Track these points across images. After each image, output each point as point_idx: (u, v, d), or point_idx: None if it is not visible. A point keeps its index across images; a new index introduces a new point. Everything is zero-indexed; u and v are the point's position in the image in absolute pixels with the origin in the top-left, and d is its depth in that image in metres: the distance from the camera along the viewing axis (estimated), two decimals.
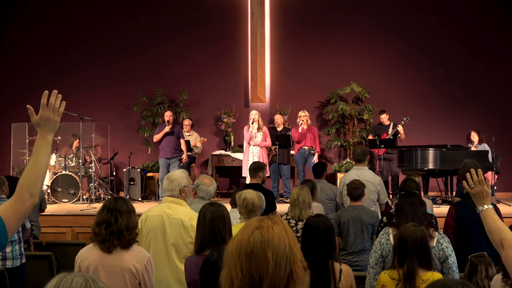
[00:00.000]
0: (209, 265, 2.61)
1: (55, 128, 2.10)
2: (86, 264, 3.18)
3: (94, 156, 9.78)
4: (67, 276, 1.41)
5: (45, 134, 2.08)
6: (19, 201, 1.96)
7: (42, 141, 2.07)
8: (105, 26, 11.31)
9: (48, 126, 2.08)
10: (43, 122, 2.07)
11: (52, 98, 2.09)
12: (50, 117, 2.08)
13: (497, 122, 10.54)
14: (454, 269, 3.58)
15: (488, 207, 2.44)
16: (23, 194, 1.97)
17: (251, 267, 1.53)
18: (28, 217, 5.31)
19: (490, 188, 2.51)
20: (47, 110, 2.08)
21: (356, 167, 6.01)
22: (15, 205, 1.96)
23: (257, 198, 3.97)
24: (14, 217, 1.94)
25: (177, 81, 11.18)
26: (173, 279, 3.62)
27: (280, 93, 11.10)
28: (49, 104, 2.08)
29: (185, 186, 3.79)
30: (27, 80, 11.13)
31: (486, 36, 10.95)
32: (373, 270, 3.67)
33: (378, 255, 3.69)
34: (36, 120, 2.07)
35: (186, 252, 3.61)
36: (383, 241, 3.73)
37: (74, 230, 7.33)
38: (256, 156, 8.91)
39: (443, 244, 3.59)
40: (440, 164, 8.46)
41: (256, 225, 1.59)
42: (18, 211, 1.95)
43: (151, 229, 3.68)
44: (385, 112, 9.81)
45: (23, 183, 1.99)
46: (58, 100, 2.10)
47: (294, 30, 11.19)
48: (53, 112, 2.09)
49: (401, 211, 3.81)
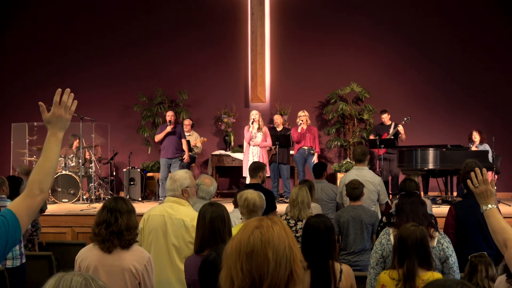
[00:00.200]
0: (207, 264, 2.61)
1: (66, 126, 2.13)
2: (86, 264, 3.18)
3: (94, 156, 9.78)
4: (65, 276, 1.41)
5: (56, 131, 2.10)
6: (30, 197, 1.99)
7: (53, 137, 2.09)
8: (105, 26, 11.31)
9: (59, 124, 2.10)
10: (54, 119, 2.09)
11: (64, 96, 2.11)
12: (62, 115, 2.10)
13: (497, 122, 10.54)
14: (454, 269, 3.57)
15: (492, 206, 2.43)
16: (34, 190, 1.99)
17: (252, 267, 1.53)
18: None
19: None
20: (59, 108, 2.10)
21: (356, 167, 6.01)
22: (26, 200, 1.99)
23: (258, 198, 3.97)
24: (26, 213, 1.97)
25: (177, 81, 11.18)
26: (174, 279, 3.62)
27: (280, 93, 11.10)
28: (61, 102, 2.10)
29: (187, 187, 3.80)
30: (27, 80, 11.13)
31: (486, 36, 10.95)
32: (374, 270, 3.66)
33: (379, 256, 3.68)
34: (47, 117, 2.10)
35: (187, 252, 3.61)
36: (383, 241, 3.72)
37: (74, 230, 7.33)
38: (256, 156, 8.92)
39: (444, 244, 3.59)
40: (440, 164, 8.46)
41: (256, 224, 1.60)
42: (30, 207, 1.98)
43: (153, 229, 3.68)
44: (386, 112, 9.82)
45: (34, 179, 2.02)
46: (70, 99, 2.13)
47: (294, 30, 11.19)
48: (65, 110, 2.11)
49: (401, 211, 3.80)
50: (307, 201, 4.77)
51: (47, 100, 2.10)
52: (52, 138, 2.09)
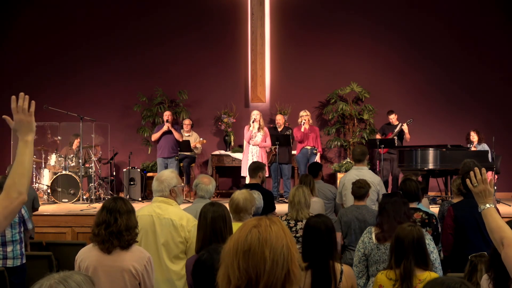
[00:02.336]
0: (200, 263, 2.62)
1: (32, 128, 2.18)
2: (86, 264, 3.18)
3: (94, 156, 9.78)
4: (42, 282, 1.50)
5: (23, 136, 2.17)
6: (7, 199, 2.06)
7: (22, 142, 2.16)
8: (105, 26, 11.31)
9: (23, 128, 2.17)
10: (18, 126, 2.16)
11: (20, 101, 2.16)
12: (22, 119, 2.16)
13: (497, 122, 10.53)
14: (436, 265, 3.68)
15: (489, 206, 2.45)
16: (10, 193, 2.06)
17: (248, 265, 1.54)
18: (29, 217, 5.33)
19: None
20: (18, 114, 2.16)
21: (355, 167, 6.01)
22: (3, 202, 2.05)
23: (242, 200, 3.95)
24: (2, 213, 2.03)
25: (177, 81, 11.19)
26: (162, 280, 3.60)
27: (280, 93, 11.10)
28: (18, 107, 2.16)
29: (175, 186, 3.80)
30: (27, 80, 11.12)
31: (486, 36, 10.95)
32: (356, 268, 3.83)
33: (361, 254, 3.85)
34: (13, 126, 2.17)
35: (176, 251, 3.61)
36: (365, 239, 3.87)
37: (74, 230, 7.33)
38: (255, 156, 8.94)
39: (427, 241, 3.64)
40: (440, 164, 8.46)
41: (254, 224, 1.60)
42: (7, 207, 2.05)
43: (142, 229, 3.67)
44: (393, 113, 9.86)
45: (10, 182, 2.08)
46: (26, 102, 2.17)
47: (294, 30, 11.19)
48: (24, 114, 2.16)
49: (383, 211, 3.88)
50: (304, 201, 4.76)
51: (47, 100, 2.13)
52: (21, 143, 2.16)
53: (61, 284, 1.54)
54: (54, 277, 1.57)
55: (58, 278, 1.55)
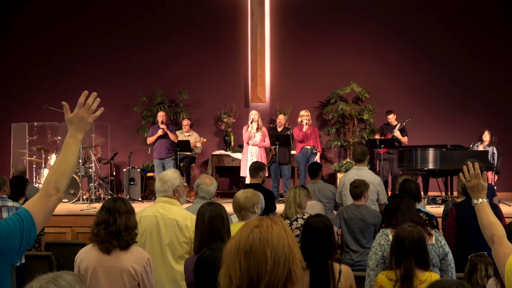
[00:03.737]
0: (202, 262, 2.61)
1: (87, 129, 2.13)
2: (85, 265, 3.17)
3: (94, 156, 9.78)
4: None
5: (76, 133, 2.10)
6: (46, 196, 1.99)
7: (72, 139, 2.09)
8: (105, 26, 11.30)
9: (80, 125, 2.10)
10: (76, 120, 2.10)
11: (90, 99, 2.12)
12: (84, 117, 2.11)
13: (497, 122, 10.51)
14: (452, 265, 3.62)
15: (483, 200, 2.44)
16: (49, 189, 1.99)
17: (250, 265, 1.54)
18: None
19: (492, 188, 2.51)
20: (83, 110, 2.11)
21: (355, 167, 6.01)
22: (41, 199, 1.99)
23: (242, 199, 3.96)
24: (41, 212, 1.97)
25: (177, 81, 11.18)
26: (167, 280, 3.60)
27: (280, 93, 11.10)
28: (85, 104, 2.11)
29: (178, 186, 3.80)
30: (27, 80, 11.13)
31: (486, 36, 10.95)
32: (373, 272, 3.59)
33: (379, 257, 3.61)
34: (70, 118, 2.10)
35: (181, 252, 3.61)
36: (382, 242, 3.66)
37: (74, 230, 7.33)
38: (255, 156, 8.94)
39: (442, 242, 3.63)
40: (440, 164, 8.46)
41: (256, 224, 1.60)
42: (45, 206, 1.98)
43: (146, 230, 3.67)
44: (392, 113, 9.85)
45: (50, 178, 2.02)
46: (95, 103, 2.13)
47: (294, 30, 11.19)
48: (88, 113, 2.11)
49: (398, 211, 3.78)
50: (291, 201, 4.81)
51: (47, 100, 2.12)
52: (71, 139, 2.09)
53: (51, 284, 1.54)
54: (43, 278, 1.57)
55: (48, 278, 1.55)
